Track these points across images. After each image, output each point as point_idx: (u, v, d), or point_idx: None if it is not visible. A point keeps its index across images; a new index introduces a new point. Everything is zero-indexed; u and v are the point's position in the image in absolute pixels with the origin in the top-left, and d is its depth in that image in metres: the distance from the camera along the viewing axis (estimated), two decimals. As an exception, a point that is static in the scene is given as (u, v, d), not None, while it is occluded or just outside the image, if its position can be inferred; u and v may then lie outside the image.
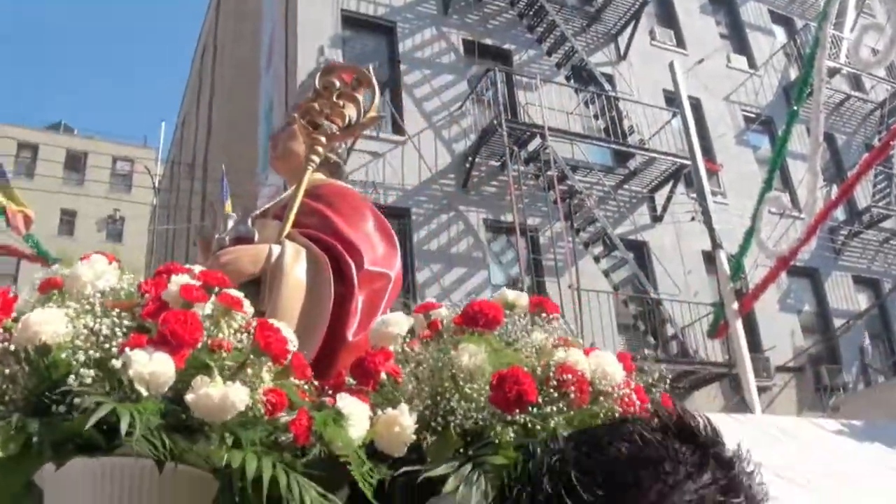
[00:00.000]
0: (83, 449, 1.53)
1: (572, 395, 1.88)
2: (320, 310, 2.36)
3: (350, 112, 2.78)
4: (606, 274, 14.16)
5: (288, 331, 1.90)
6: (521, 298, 2.27)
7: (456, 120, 15.08)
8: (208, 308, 1.77)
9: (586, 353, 2.06)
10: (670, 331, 14.31)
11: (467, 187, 14.68)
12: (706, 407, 12.15)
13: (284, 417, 1.68)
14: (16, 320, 1.65)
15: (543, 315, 2.23)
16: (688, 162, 13.72)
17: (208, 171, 19.07)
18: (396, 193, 14.34)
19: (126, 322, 1.66)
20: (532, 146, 14.49)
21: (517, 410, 1.78)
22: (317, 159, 2.73)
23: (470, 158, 14.61)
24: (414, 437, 1.81)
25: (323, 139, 2.71)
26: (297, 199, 2.60)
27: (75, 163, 40.41)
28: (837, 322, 16.71)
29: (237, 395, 1.56)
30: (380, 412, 1.86)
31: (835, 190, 15.27)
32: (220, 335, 1.73)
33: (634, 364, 2.22)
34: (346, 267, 2.46)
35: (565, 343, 2.18)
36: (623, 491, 0.76)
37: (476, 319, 2.03)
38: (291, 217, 2.57)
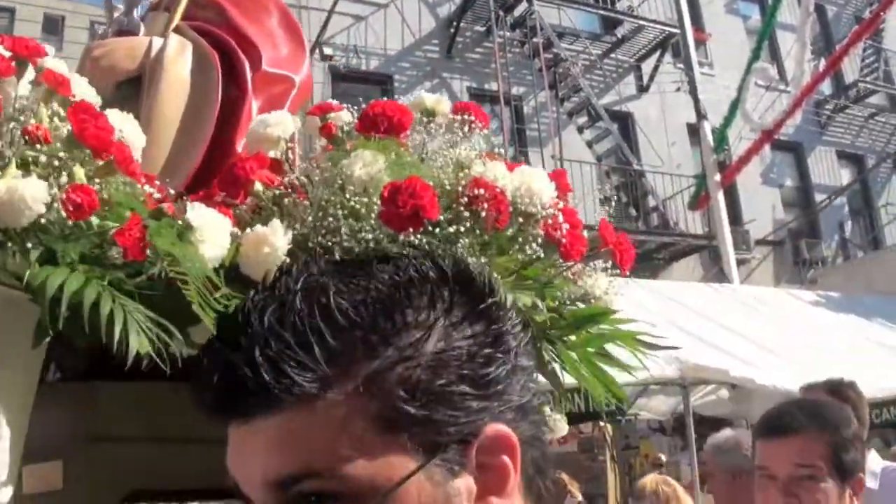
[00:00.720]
0: None
1: (483, 215, 1.53)
2: (205, 113, 1.99)
3: None
4: (590, 145, 13.78)
5: (128, 122, 1.53)
6: (442, 104, 1.91)
7: (441, -19, 14.36)
8: (25, 87, 1.39)
9: (510, 167, 1.70)
10: (651, 202, 14.06)
11: (451, 54, 14.15)
12: (685, 278, 12.02)
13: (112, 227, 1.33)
14: None
15: (469, 123, 1.86)
16: (676, 31, 13.20)
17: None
18: (379, 59, 13.81)
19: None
20: (518, 11, 13.85)
21: (411, 229, 1.43)
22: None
23: (454, 23, 14.01)
24: (285, 259, 1.47)
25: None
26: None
27: (52, 26, 38.93)
28: (819, 197, 16.44)
29: (31, 191, 1.20)
30: (249, 231, 1.51)
31: (823, 63, 14.78)
32: (35, 121, 1.35)
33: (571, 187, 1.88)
34: (240, 65, 2.08)
35: (490, 157, 1.83)
36: (373, 319, 0.66)
37: (377, 123, 1.66)
38: (180, 7, 2.16)
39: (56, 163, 1.27)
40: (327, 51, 13.21)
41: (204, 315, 1.28)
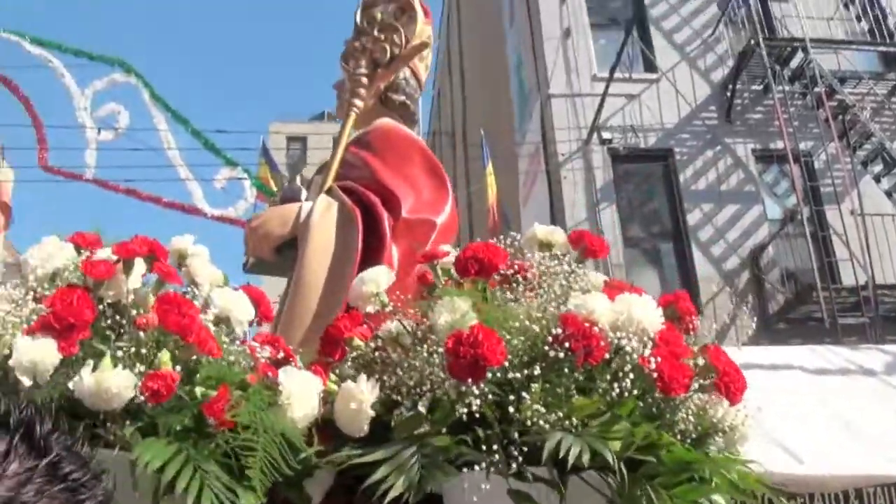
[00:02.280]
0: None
1: (563, 356, 1.49)
2: (346, 271, 2.13)
3: (393, 44, 2.50)
4: (889, 194, 12.47)
5: (237, 299, 1.69)
6: (556, 234, 1.88)
7: (710, 47, 13.95)
8: (136, 281, 1.60)
9: (612, 296, 1.64)
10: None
11: (730, 117, 13.57)
12: None
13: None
14: None
15: (583, 254, 1.83)
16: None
17: (468, 136, 19.33)
18: (656, 134, 13.58)
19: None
20: (794, 62, 13.05)
21: (470, 380, 1.43)
22: (359, 103, 2.49)
23: (730, 86, 13.46)
24: (372, 413, 1.53)
25: (363, 81, 2.46)
26: (339, 151, 2.38)
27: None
28: None
29: (117, 382, 1.38)
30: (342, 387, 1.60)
31: None
32: (142, 312, 1.55)
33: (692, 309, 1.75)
34: (380, 217, 2.21)
35: (612, 286, 1.77)
36: None
37: (468, 268, 1.68)
38: (332, 170, 2.36)
39: (143, 350, 1.44)
40: (605, 135, 13.27)
41: (258, 482, 1.36)
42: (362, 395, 1.53)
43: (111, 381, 1.37)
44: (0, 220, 10.33)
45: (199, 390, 1.52)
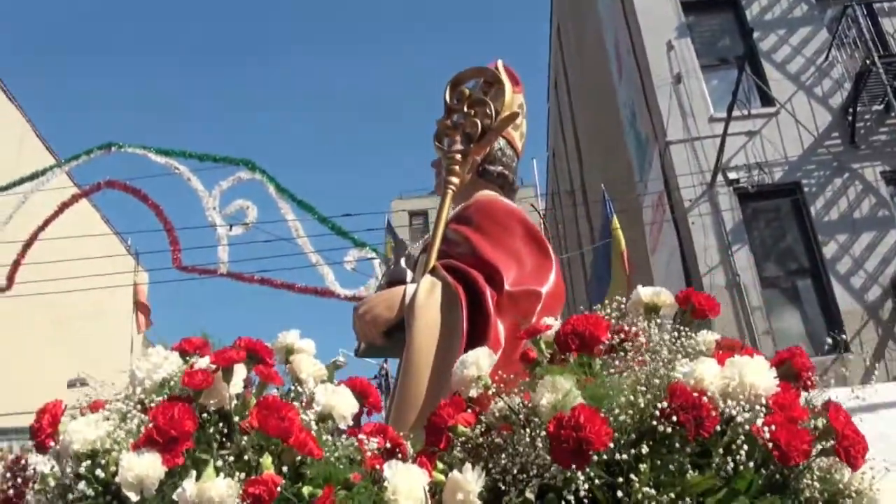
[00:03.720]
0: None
1: (671, 430, 1.40)
2: (453, 350, 2.10)
3: (484, 117, 2.50)
4: None
5: (337, 394, 1.68)
6: (662, 296, 1.80)
7: (825, 72, 13.47)
8: (238, 386, 1.62)
9: (723, 359, 1.54)
10: None
11: (855, 141, 13.02)
12: None
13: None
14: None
15: (694, 310, 1.74)
16: None
17: (587, 193, 19.21)
18: (782, 169, 13.13)
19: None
20: (912, 75, 12.42)
21: (575, 466, 1.36)
22: (455, 180, 2.49)
23: (850, 109, 12.95)
24: (479, 503, 1.48)
25: (457, 158, 2.46)
26: (439, 229, 2.38)
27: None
28: None
29: (218, 491, 1.39)
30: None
31: None
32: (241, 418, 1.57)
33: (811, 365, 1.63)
34: (483, 293, 2.18)
35: (727, 347, 1.68)
36: None
37: (568, 343, 1.63)
38: (434, 249, 2.36)
39: (246, 457, 1.45)
40: (731, 175, 12.91)
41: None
42: (468, 485, 1.48)
43: (213, 491, 1.38)
44: (141, 319, 10.87)
45: (306, 490, 1.51)
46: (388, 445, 1.71)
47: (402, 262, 2.49)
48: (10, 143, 19.01)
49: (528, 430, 1.49)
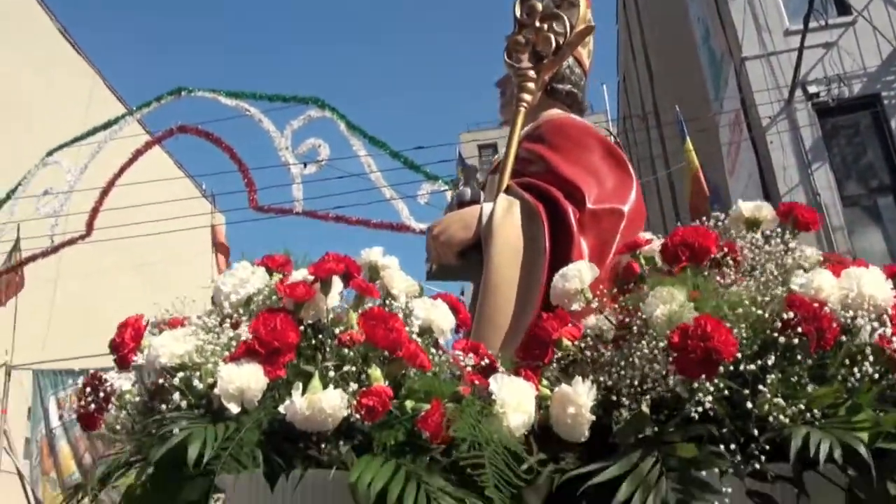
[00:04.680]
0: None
1: (797, 341, 1.35)
2: (537, 267, 2.06)
3: (557, 33, 2.41)
4: None
5: (434, 308, 1.66)
6: (763, 210, 1.73)
7: (904, -26, 12.76)
8: (334, 299, 1.61)
9: (835, 271, 1.48)
10: None
11: (936, 48, 12.34)
12: None
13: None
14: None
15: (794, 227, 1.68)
16: None
17: (661, 115, 18.77)
18: (860, 81, 12.56)
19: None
20: None
21: (703, 376, 1.32)
22: (527, 98, 2.42)
23: (931, 15, 12.27)
24: (592, 417, 1.46)
25: (530, 75, 2.38)
26: (512, 148, 2.32)
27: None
28: None
29: (329, 402, 1.38)
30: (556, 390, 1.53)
31: None
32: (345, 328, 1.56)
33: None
34: (564, 211, 2.12)
35: (836, 263, 1.61)
36: None
37: (678, 254, 1.58)
38: (507, 168, 2.31)
39: (353, 368, 1.44)
40: (811, 89, 12.42)
41: (497, 498, 1.32)
42: (580, 398, 1.45)
43: (324, 402, 1.37)
44: (220, 260, 11.05)
45: (409, 404, 1.50)
46: (484, 362, 1.70)
47: (473, 182, 2.44)
48: (81, 94, 19.37)
49: (643, 342, 1.45)
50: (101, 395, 1.61)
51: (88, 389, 1.63)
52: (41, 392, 10.06)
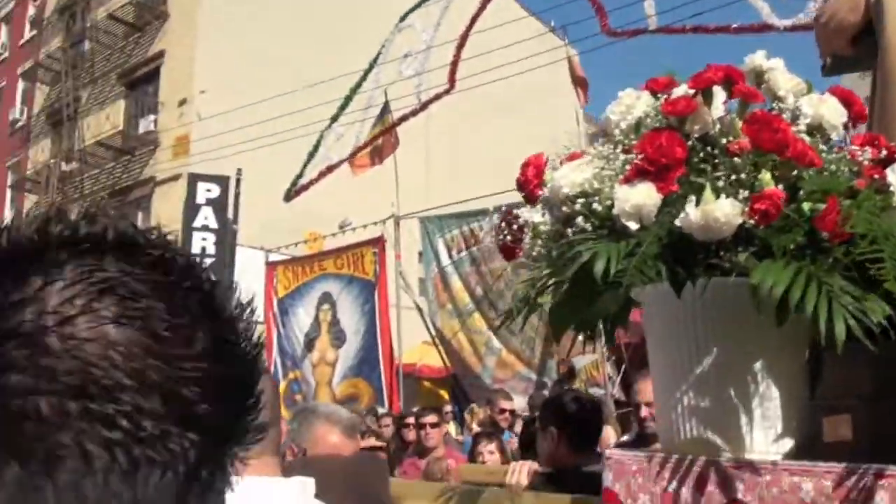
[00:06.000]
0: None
1: None
2: None
3: None
4: None
5: (824, 104, 1.59)
6: None
7: None
8: (718, 109, 1.60)
9: None
10: None
11: None
12: None
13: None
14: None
15: None
16: None
17: None
18: None
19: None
20: None
21: None
22: None
23: None
24: None
25: None
26: None
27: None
28: None
29: (723, 211, 1.42)
30: None
31: None
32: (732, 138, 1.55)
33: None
34: None
35: None
36: None
37: None
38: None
39: (741, 176, 1.45)
40: None
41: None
42: None
43: (717, 212, 1.41)
44: (580, 93, 11.08)
45: (805, 206, 1.48)
46: (884, 154, 1.60)
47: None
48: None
49: None
50: (515, 227, 1.78)
51: (503, 224, 1.80)
52: (429, 236, 10.95)
